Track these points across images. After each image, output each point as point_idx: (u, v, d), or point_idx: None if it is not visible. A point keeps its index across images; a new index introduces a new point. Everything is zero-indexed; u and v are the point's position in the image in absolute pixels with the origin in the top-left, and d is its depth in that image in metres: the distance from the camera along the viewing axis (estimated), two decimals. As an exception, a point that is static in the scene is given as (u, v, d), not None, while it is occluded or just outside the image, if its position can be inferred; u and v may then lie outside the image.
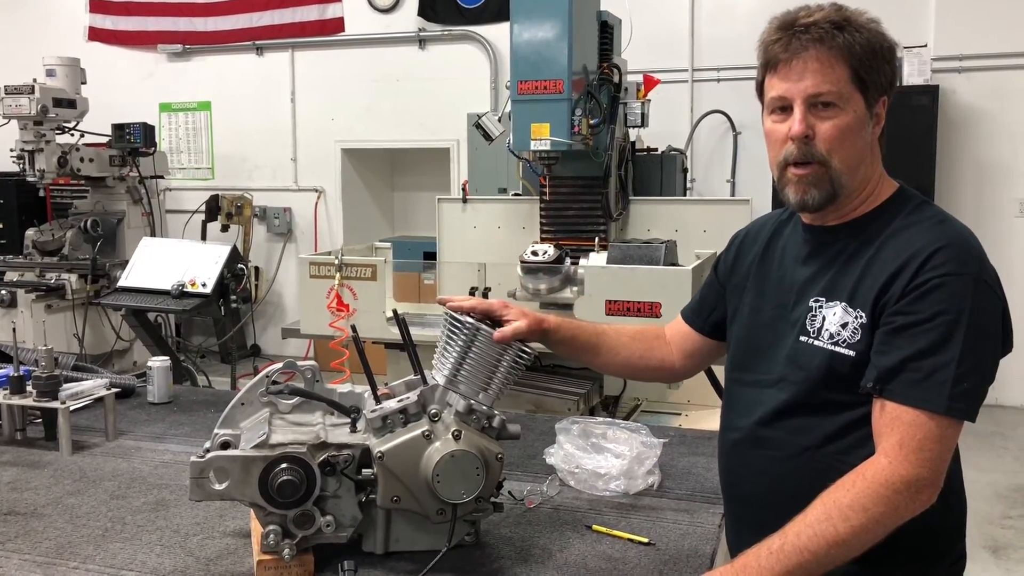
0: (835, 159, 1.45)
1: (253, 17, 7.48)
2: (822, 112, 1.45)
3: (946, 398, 1.33)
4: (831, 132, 1.44)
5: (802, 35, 1.44)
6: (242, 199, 7.25)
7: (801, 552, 1.31)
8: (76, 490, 1.93)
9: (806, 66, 1.44)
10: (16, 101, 5.64)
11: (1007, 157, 5.96)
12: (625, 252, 3.55)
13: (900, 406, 1.35)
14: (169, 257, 4.20)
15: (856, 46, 1.43)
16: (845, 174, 1.46)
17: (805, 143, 1.46)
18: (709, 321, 1.78)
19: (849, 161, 1.46)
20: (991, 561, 3.83)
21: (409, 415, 1.56)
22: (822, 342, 1.46)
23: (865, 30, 1.45)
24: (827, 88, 1.43)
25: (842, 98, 1.44)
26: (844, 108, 1.44)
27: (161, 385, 2.59)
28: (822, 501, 1.35)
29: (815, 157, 1.46)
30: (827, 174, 1.46)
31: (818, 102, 1.44)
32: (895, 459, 1.33)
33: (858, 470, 1.36)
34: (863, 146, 1.47)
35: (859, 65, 1.43)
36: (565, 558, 1.61)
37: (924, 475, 1.33)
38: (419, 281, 5.74)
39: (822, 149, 1.45)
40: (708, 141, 6.45)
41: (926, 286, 1.36)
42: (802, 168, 1.47)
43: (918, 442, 1.33)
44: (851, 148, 1.46)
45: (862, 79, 1.44)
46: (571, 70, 3.69)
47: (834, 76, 1.43)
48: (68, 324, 5.72)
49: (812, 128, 1.45)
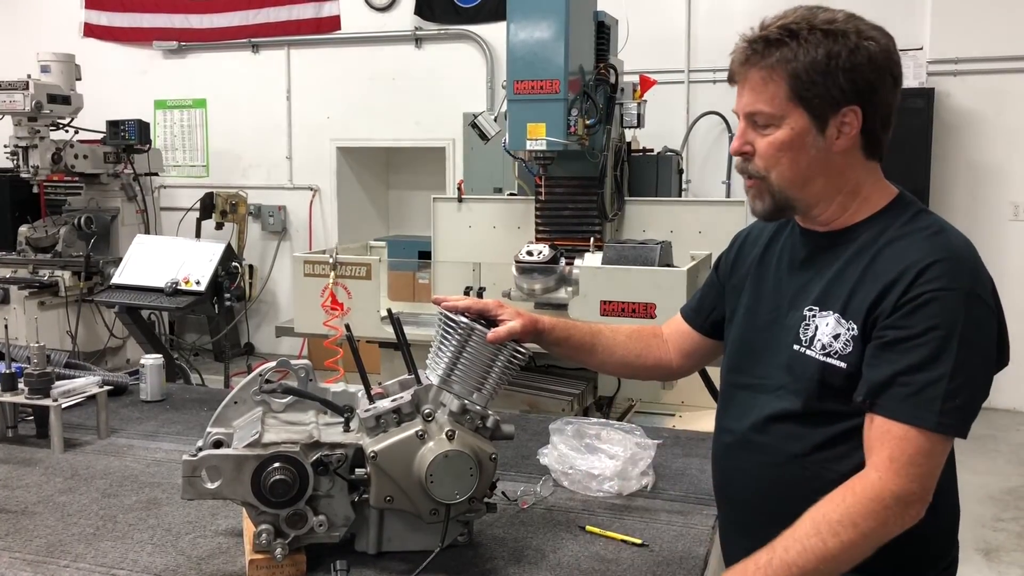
0: (772, 175, 1.46)
1: (249, 14, 7.46)
2: (760, 129, 1.45)
3: (936, 414, 1.32)
4: (765, 149, 1.45)
5: (744, 51, 1.44)
6: (237, 197, 7.24)
7: (789, 567, 1.31)
8: (67, 488, 1.92)
9: (745, 82, 1.45)
10: (10, 97, 5.62)
11: (1001, 160, 5.98)
12: (620, 253, 3.56)
13: (890, 421, 1.34)
14: (163, 255, 4.19)
15: (795, 62, 1.39)
16: (786, 189, 1.46)
17: (745, 159, 1.48)
18: (708, 320, 1.78)
19: (788, 176, 1.45)
20: (983, 563, 3.84)
21: (403, 415, 1.56)
22: (814, 352, 1.45)
23: (812, 44, 1.39)
24: (760, 107, 1.43)
25: (776, 116, 1.42)
26: (779, 125, 1.43)
27: (154, 383, 2.58)
28: (811, 516, 1.34)
29: (751, 172, 1.48)
30: (767, 188, 1.48)
31: (755, 119, 1.45)
32: (885, 474, 1.33)
33: (847, 485, 1.35)
34: (807, 161, 1.44)
35: (796, 82, 1.40)
36: (558, 559, 1.61)
37: (914, 490, 1.32)
38: (414, 280, 5.74)
39: (759, 165, 1.46)
40: (704, 142, 6.46)
41: (918, 300, 1.35)
42: (748, 180, 1.51)
43: (908, 457, 1.32)
44: (790, 164, 1.44)
45: (801, 95, 1.41)
46: (567, 70, 3.69)
47: (767, 94, 1.42)
48: (61, 321, 5.70)
49: (751, 143, 1.46)
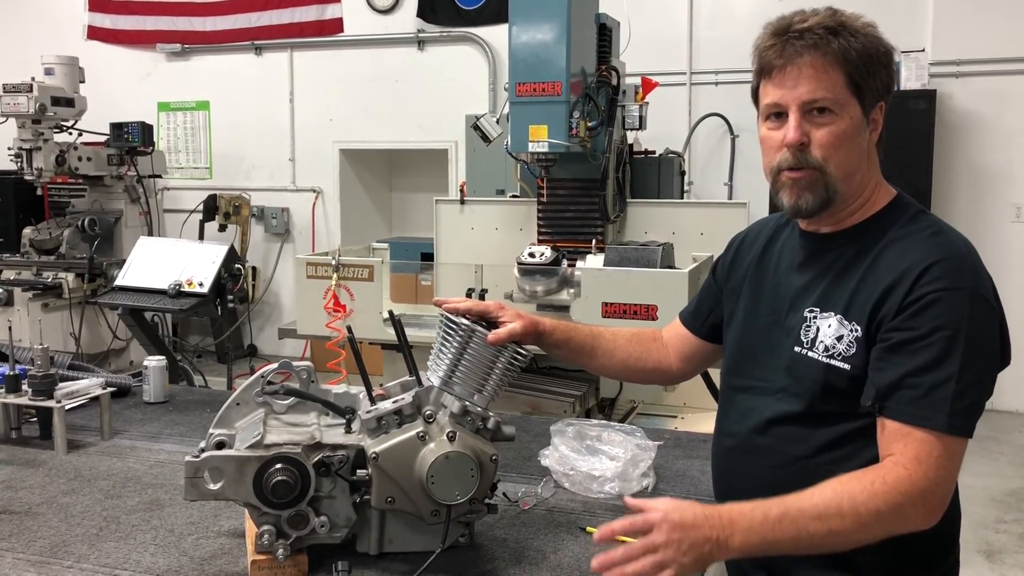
0: (831, 165, 1.44)
1: (252, 17, 7.48)
2: (817, 119, 1.44)
3: (947, 415, 1.32)
4: (826, 139, 1.43)
5: (796, 41, 1.43)
6: (240, 199, 7.25)
7: (799, 529, 1.30)
8: (71, 489, 1.93)
9: (801, 72, 1.43)
10: (14, 99, 5.64)
11: (1003, 162, 5.97)
12: (622, 254, 3.56)
13: (905, 425, 1.34)
14: (166, 256, 4.20)
15: (852, 51, 1.41)
16: (840, 180, 1.46)
17: (800, 150, 1.45)
18: (707, 324, 1.78)
19: (845, 167, 1.45)
20: (985, 565, 3.84)
21: (404, 416, 1.56)
22: (817, 354, 1.45)
23: (861, 35, 1.43)
24: (822, 94, 1.42)
25: (837, 104, 1.43)
26: (840, 114, 1.43)
27: (157, 385, 2.59)
28: (833, 489, 1.32)
29: (810, 163, 1.45)
30: (822, 179, 1.45)
31: (813, 108, 1.43)
32: (915, 472, 1.32)
33: (876, 471, 1.33)
34: (859, 152, 1.46)
35: (854, 71, 1.42)
36: (559, 560, 1.61)
37: (938, 493, 1.33)
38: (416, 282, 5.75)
39: (818, 156, 1.44)
40: (706, 144, 6.46)
41: (922, 301, 1.35)
42: (796, 172, 1.46)
43: (935, 459, 1.32)
44: (847, 155, 1.45)
45: (858, 85, 1.43)
46: (569, 72, 3.70)
47: (829, 82, 1.42)
48: (65, 323, 5.71)
49: (807, 135, 1.44)
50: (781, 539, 1.30)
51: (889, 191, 1.53)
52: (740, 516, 1.32)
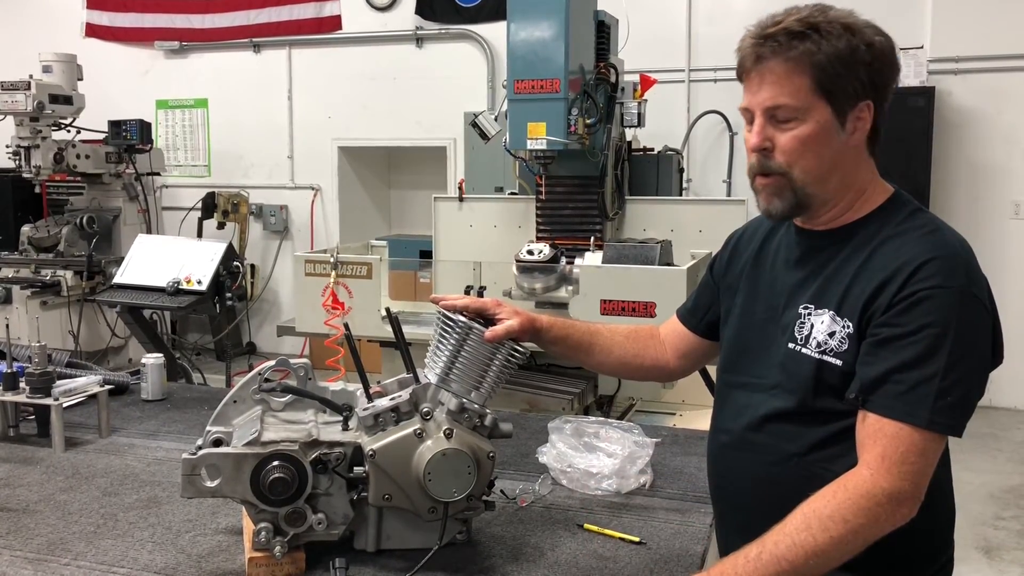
0: (795, 170, 1.44)
1: (251, 14, 7.47)
2: (781, 124, 1.43)
3: (928, 411, 1.32)
4: (789, 144, 1.43)
5: (762, 45, 1.42)
6: (238, 196, 7.25)
7: (779, 561, 1.31)
8: (68, 487, 1.93)
9: (763, 78, 1.42)
10: (12, 97, 5.64)
11: (1002, 159, 5.97)
12: (620, 252, 3.56)
13: (883, 418, 1.35)
14: (165, 254, 4.20)
15: (820, 54, 1.39)
16: (809, 184, 1.45)
17: (764, 155, 1.46)
18: (704, 321, 1.78)
19: (812, 171, 1.44)
20: (984, 562, 3.85)
21: (401, 413, 1.57)
22: (810, 350, 1.45)
23: (833, 36, 1.40)
24: (783, 101, 1.41)
25: (800, 110, 1.41)
26: (803, 119, 1.42)
27: (155, 382, 2.59)
28: (802, 511, 1.34)
29: (772, 169, 1.46)
30: (788, 184, 1.45)
31: (776, 113, 1.43)
32: (877, 471, 1.33)
33: (839, 481, 1.35)
34: (830, 155, 1.44)
35: (821, 74, 1.39)
36: (556, 557, 1.61)
37: (906, 488, 1.32)
38: (415, 279, 5.75)
39: (780, 161, 1.44)
40: (704, 141, 6.46)
41: (913, 298, 1.35)
42: (764, 177, 1.48)
43: (900, 455, 1.32)
44: (813, 159, 1.44)
45: (826, 88, 1.40)
46: (568, 69, 3.69)
47: (791, 87, 1.41)
48: (63, 321, 5.71)
49: (771, 139, 1.44)
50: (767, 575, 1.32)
51: (886, 188, 1.52)
52: (722, 564, 1.36)
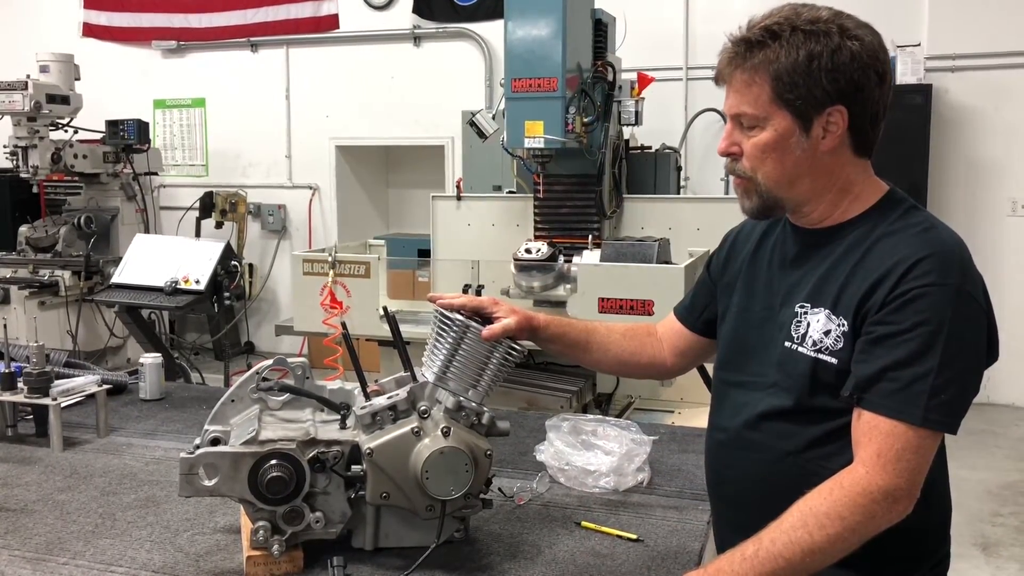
0: (758, 175, 1.47)
1: (248, 14, 7.46)
2: (746, 130, 1.46)
3: (923, 409, 1.32)
4: (750, 150, 1.46)
5: (729, 51, 1.45)
6: (236, 196, 7.24)
7: (776, 559, 1.32)
8: (67, 486, 1.93)
9: (730, 84, 1.46)
10: (9, 97, 5.63)
11: (999, 156, 5.98)
12: (618, 250, 3.56)
13: (878, 416, 1.35)
14: (163, 254, 4.20)
15: (776, 64, 1.40)
16: (772, 189, 1.47)
17: (733, 159, 1.49)
18: (701, 319, 1.78)
19: (773, 177, 1.46)
20: (981, 559, 3.85)
21: (399, 412, 1.57)
22: (806, 349, 1.46)
23: (794, 45, 1.39)
24: (743, 109, 1.44)
25: (760, 118, 1.44)
26: (764, 126, 1.44)
27: (153, 382, 2.59)
28: (798, 508, 1.35)
29: (738, 172, 1.50)
30: (754, 188, 1.49)
31: (741, 120, 1.46)
32: (872, 469, 1.33)
33: (835, 478, 1.36)
34: (792, 161, 1.45)
35: (778, 84, 1.41)
36: (554, 554, 1.62)
37: (901, 485, 1.33)
38: (413, 278, 5.75)
39: (746, 165, 1.48)
40: (702, 139, 6.46)
41: (907, 296, 1.35)
42: (736, 179, 1.52)
43: (896, 452, 1.33)
44: (776, 164, 1.45)
45: (784, 97, 1.41)
46: (565, 68, 3.70)
47: (751, 95, 1.43)
48: (62, 321, 5.71)
49: (738, 144, 1.48)
50: (764, 574, 1.32)
51: (880, 187, 1.53)
52: (719, 562, 1.36)
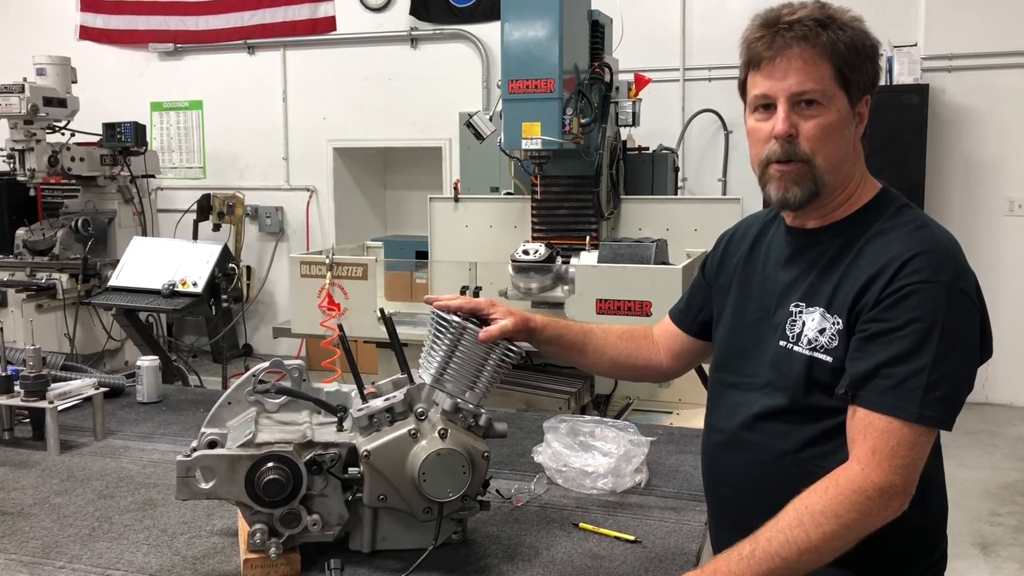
0: (819, 158, 1.45)
1: (245, 16, 7.46)
2: (805, 111, 1.44)
3: (917, 405, 1.33)
4: (815, 131, 1.44)
5: (786, 32, 1.43)
6: (234, 198, 7.24)
7: (772, 558, 1.31)
8: (63, 490, 1.93)
9: (790, 64, 1.43)
10: (6, 100, 5.62)
11: (996, 156, 5.98)
12: (616, 251, 3.56)
13: (872, 413, 1.35)
14: (160, 256, 4.19)
15: (840, 44, 1.42)
16: (828, 172, 1.46)
17: (789, 142, 1.45)
18: (697, 321, 1.78)
19: (832, 159, 1.46)
20: (980, 558, 3.85)
21: (395, 414, 1.57)
22: (801, 348, 1.46)
23: (849, 28, 1.44)
24: (811, 86, 1.43)
25: (826, 96, 1.43)
26: (828, 107, 1.44)
27: (150, 384, 2.59)
28: (794, 507, 1.35)
29: (798, 156, 1.46)
30: (810, 172, 1.46)
31: (801, 100, 1.44)
32: (868, 466, 1.33)
33: (831, 476, 1.36)
34: (846, 145, 1.47)
35: (842, 64, 1.43)
36: (552, 556, 1.61)
37: (896, 482, 1.33)
38: (411, 280, 5.74)
39: (806, 148, 1.45)
40: (699, 140, 6.47)
41: (900, 293, 1.36)
42: (785, 165, 1.47)
43: (890, 449, 1.33)
44: (834, 147, 1.46)
45: (846, 78, 1.44)
46: (562, 69, 3.69)
47: (818, 74, 1.43)
48: (59, 324, 5.70)
49: (795, 127, 1.45)
50: (761, 573, 1.32)
51: (875, 185, 1.53)
52: (715, 562, 1.36)
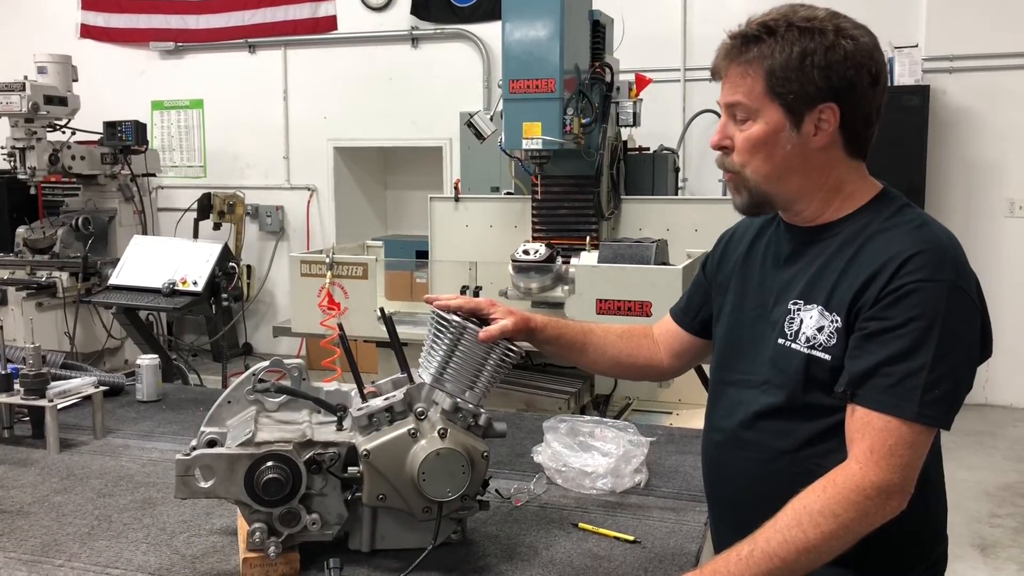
0: (747, 169, 1.48)
1: (246, 15, 7.46)
2: (739, 123, 1.47)
3: (916, 404, 1.32)
4: (740, 143, 1.47)
5: (728, 43, 1.47)
6: (234, 197, 7.24)
7: (771, 558, 1.31)
8: (63, 488, 1.93)
9: (726, 76, 1.48)
10: (7, 98, 5.62)
11: (997, 157, 5.98)
12: (616, 251, 3.56)
13: (871, 411, 1.35)
14: (160, 255, 4.19)
15: (772, 58, 1.41)
16: (761, 184, 1.48)
17: (724, 152, 1.50)
18: (697, 320, 1.78)
19: (762, 172, 1.47)
20: (979, 559, 3.85)
21: (395, 413, 1.57)
22: (799, 345, 1.46)
23: (788, 40, 1.41)
24: (736, 99, 1.45)
25: (751, 110, 1.44)
26: (755, 120, 1.45)
27: (150, 383, 2.59)
28: (792, 507, 1.34)
29: (727, 167, 1.50)
30: (743, 183, 1.50)
31: (734, 112, 1.47)
32: (866, 465, 1.33)
33: (829, 476, 1.36)
34: (782, 156, 1.45)
35: (771, 78, 1.42)
36: (551, 556, 1.61)
37: (895, 481, 1.32)
38: (411, 280, 5.74)
39: (735, 159, 1.49)
40: (700, 140, 6.46)
41: (900, 291, 1.35)
42: (727, 173, 1.53)
43: (889, 448, 1.32)
44: (764, 159, 1.46)
45: (776, 91, 1.42)
46: (563, 69, 3.70)
47: (745, 87, 1.44)
48: (59, 322, 5.70)
49: (731, 138, 1.48)
50: (759, 574, 1.32)
51: (874, 185, 1.53)
52: (714, 563, 1.36)
